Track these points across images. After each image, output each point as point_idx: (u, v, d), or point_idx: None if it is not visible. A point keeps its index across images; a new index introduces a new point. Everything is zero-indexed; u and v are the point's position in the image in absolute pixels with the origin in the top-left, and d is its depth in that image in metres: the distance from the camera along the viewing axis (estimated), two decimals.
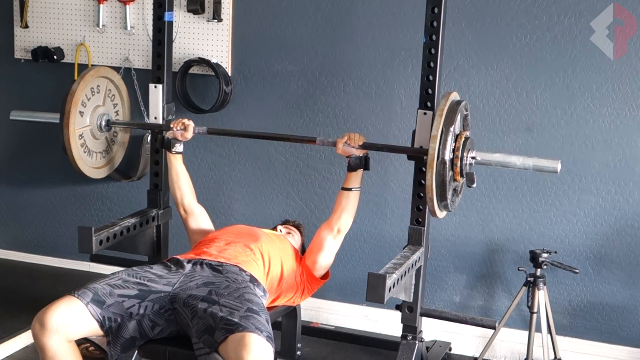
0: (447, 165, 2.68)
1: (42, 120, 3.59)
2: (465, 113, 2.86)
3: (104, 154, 3.47)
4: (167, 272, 2.78)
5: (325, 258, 3.06)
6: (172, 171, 3.29)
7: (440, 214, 2.83)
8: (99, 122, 3.39)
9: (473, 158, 2.83)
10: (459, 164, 2.75)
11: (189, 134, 3.24)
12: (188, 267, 2.81)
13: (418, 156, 3.03)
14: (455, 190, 2.85)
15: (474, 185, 2.86)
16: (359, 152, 3.01)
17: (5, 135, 4.39)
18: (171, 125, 3.26)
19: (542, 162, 2.86)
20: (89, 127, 3.34)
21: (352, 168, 3.02)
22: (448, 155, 2.70)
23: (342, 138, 3.02)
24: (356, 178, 3.03)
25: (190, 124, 3.24)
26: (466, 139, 2.79)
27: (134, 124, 3.65)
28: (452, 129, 2.70)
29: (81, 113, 3.28)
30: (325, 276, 3.12)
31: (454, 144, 2.74)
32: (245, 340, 2.37)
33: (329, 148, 3.81)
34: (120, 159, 3.62)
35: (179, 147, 3.28)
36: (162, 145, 3.31)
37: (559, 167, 2.82)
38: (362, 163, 3.02)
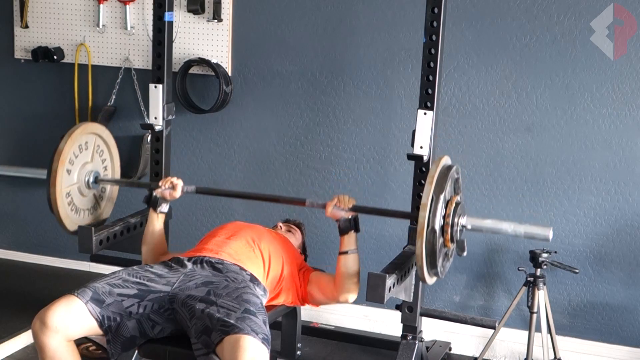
0: (437, 234, 2.62)
1: (28, 176, 3.49)
2: (456, 177, 2.78)
3: (91, 210, 3.35)
4: (167, 271, 2.78)
5: (324, 303, 3.03)
6: (149, 228, 3.16)
7: (430, 280, 2.78)
8: (86, 178, 3.27)
9: (464, 227, 2.77)
10: (449, 231, 2.67)
11: (177, 193, 3.11)
12: (189, 265, 2.81)
13: (418, 157, 3.03)
14: (446, 254, 2.80)
15: (465, 254, 2.78)
16: (348, 215, 2.89)
17: (5, 135, 4.39)
18: (160, 184, 3.13)
19: (534, 230, 2.77)
20: (76, 185, 3.24)
21: (342, 231, 2.90)
22: (438, 223, 2.62)
23: (332, 201, 2.90)
24: (349, 240, 2.90)
25: (179, 183, 3.11)
26: (457, 204, 2.71)
27: (122, 181, 3.48)
28: (442, 196, 2.63)
29: (68, 171, 3.17)
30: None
31: (444, 211, 2.66)
32: (240, 343, 2.37)
33: (329, 146, 3.82)
34: (109, 214, 3.48)
35: (164, 208, 3.15)
36: (149, 201, 3.19)
37: (550, 234, 2.74)
38: (352, 225, 2.90)
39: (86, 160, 3.28)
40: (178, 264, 2.84)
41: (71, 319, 2.52)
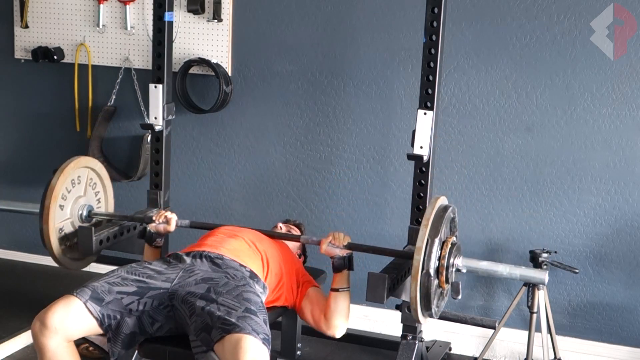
0: (432, 276, 2.61)
1: (21, 210, 3.49)
2: (452, 217, 2.77)
3: None
4: (166, 267, 2.78)
5: (309, 322, 3.01)
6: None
7: (424, 320, 2.76)
8: (80, 212, 3.26)
9: (458, 270, 2.75)
10: (444, 273, 2.66)
11: (172, 227, 3.10)
12: (188, 260, 2.81)
13: (418, 157, 3.03)
14: (441, 294, 2.78)
15: (460, 297, 2.76)
16: (342, 252, 2.88)
17: (5, 134, 4.39)
18: (153, 218, 3.12)
19: (530, 273, 2.79)
20: (69, 220, 3.22)
21: (336, 269, 2.90)
22: (433, 266, 2.61)
23: (326, 238, 2.90)
24: (342, 278, 2.90)
25: (173, 217, 3.11)
26: (452, 245, 2.71)
27: (115, 215, 3.39)
28: (437, 239, 2.63)
29: (61, 207, 3.16)
30: None
31: (439, 252, 2.65)
32: (241, 343, 2.37)
33: (329, 146, 3.82)
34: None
35: (159, 242, 3.15)
36: (143, 237, 3.18)
37: (546, 278, 2.75)
38: (346, 263, 2.89)
39: (79, 194, 3.26)
40: (176, 259, 2.84)
41: (71, 319, 2.52)
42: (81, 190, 3.28)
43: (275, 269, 2.94)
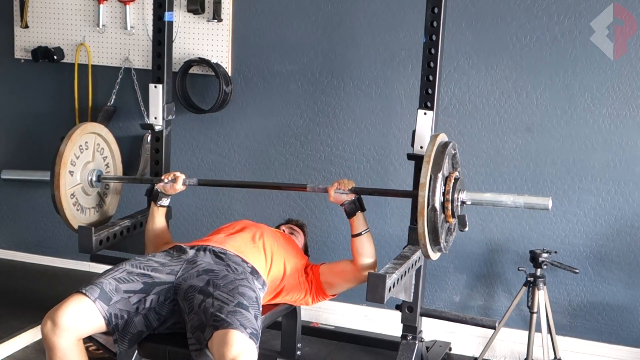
0: (438, 211, 2.66)
1: (33, 179, 3.52)
2: (453, 152, 2.82)
3: (97, 208, 3.39)
4: (169, 259, 2.81)
5: (344, 287, 3.06)
6: (150, 222, 3.21)
7: (435, 255, 2.81)
8: (89, 178, 3.31)
9: (463, 203, 2.80)
10: (450, 207, 2.72)
11: (178, 185, 3.14)
12: (190, 252, 2.85)
13: (418, 157, 3.03)
14: (449, 229, 2.82)
15: (466, 229, 2.82)
16: (350, 197, 2.94)
17: (5, 134, 4.39)
18: (162, 177, 3.17)
19: (533, 200, 2.82)
20: (80, 185, 3.26)
21: (349, 214, 2.96)
22: (438, 201, 2.67)
23: (332, 186, 2.96)
24: (359, 222, 2.96)
25: (181, 176, 3.14)
26: (456, 179, 2.76)
27: (124, 178, 3.51)
28: (440, 174, 2.67)
29: (71, 172, 3.20)
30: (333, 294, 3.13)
31: (443, 187, 2.71)
32: (227, 337, 2.40)
33: (329, 146, 3.82)
34: (115, 209, 3.50)
35: (164, 201, 3.19)
36: (150, 194, 3.23)
37: (550, 204, 2.77)
38: (358, 206, 2.95)
39: (87, 159, 3.31)
40: (180, 251, 2.87)
41: (82, 318, 2.54)
42: (89, 155, 3.33)
43: (278, 264, 2.97)
